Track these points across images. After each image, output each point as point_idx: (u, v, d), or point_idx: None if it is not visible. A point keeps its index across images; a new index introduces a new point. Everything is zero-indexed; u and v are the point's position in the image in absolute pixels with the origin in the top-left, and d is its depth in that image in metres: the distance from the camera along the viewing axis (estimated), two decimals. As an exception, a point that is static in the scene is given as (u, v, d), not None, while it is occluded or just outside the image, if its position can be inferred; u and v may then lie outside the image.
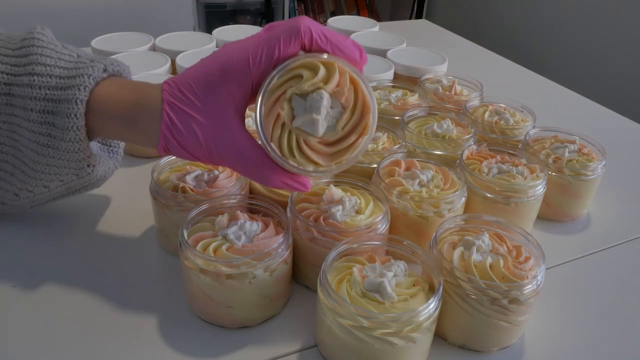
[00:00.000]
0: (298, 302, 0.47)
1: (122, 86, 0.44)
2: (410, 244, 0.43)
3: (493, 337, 0.42)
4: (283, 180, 0.40)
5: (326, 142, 0.39)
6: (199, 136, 0.39)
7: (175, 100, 0.40)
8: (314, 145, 0.39)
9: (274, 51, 0.38)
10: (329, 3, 2.60)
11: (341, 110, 0.39)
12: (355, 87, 0.39)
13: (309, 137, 0.38)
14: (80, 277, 0.48)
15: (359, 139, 0.39)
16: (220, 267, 0.40)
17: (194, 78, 0.40)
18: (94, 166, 0.47)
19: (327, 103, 0.38)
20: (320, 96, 0.38)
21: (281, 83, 0.39)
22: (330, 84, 0.38)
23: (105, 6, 1.42)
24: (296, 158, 0.39)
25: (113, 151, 0.53)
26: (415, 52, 0.90)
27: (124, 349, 0.41)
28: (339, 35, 0.40)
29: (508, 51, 1.29)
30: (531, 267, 0.42)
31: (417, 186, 0.51)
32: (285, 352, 0.42)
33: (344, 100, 0.38)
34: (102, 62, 0.44)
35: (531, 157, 0.56)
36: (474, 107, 0.69)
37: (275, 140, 0.39)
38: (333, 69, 0.39)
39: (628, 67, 1.65)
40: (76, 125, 0.42)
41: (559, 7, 1.86)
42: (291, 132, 0.39)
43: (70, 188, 0.48)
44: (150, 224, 0.55)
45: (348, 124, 0.39)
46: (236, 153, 0.40)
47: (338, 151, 0.40)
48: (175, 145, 0.40)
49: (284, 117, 0.38)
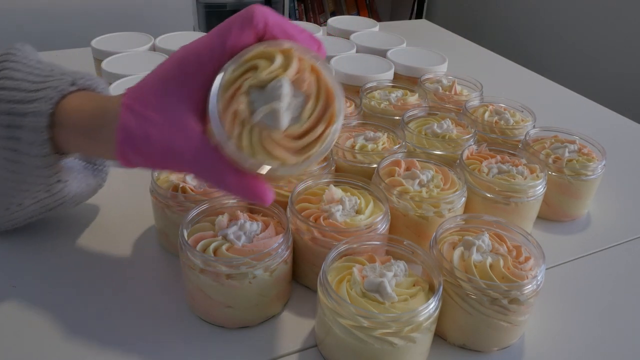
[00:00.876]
0: (298, 302, 0.47)
1: (88, 98, 0.42)
2: (410, 244, 0.43)
3: (493, 337, 0.42)
4: (241, 184, 0.36)
5: (291, 136, 0.36)
6: (153, 138, 0.36)
7: (133, 102, 0.37)
8: (278, 140, 0.35)
9: (226, 41, 0.36)
10: (329, 3, 2.60)
11: (304, 98, 0.36)
12: (317, 74, 0.36)
13: (273, 131, 0.35)
14: (80, 277, 0.48)
15: (327, 128, 0.36)
16: (220, 267, 0.40)
17: (152, 78, 0.38)
18: (66, 182, 0.45)
19: (288, 91, 0.35)
20: (280, 83, 0.34)
21: (236, 76, 0.35)
22: (290, 70, 0.35)
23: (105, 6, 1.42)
24: (259, 156, 0.35)
25: (98, 169, 0.52)
26: (415, 52, 0.90)
27: (124, 349, 0.41)
28: (296, 26, 0.38)
29: (508, 51, 1.29)
30: (531, 267, 0.42)
31: (417, 186, 0.51)
32: (285, 352, 0.42)
33: (306, 86, 0.35)
34: (72, 76, 0.43)
35: (531, 157, 0.56)
36: (474, 107, 0.69)
37: (235, 138, 0.35)
38: (291, 55, 0.36)
39: (628, 67, 1.65)
40: (40, 139, 0.41)
41: (559, 7, 1.86)
42: (252, 130, 0.35)
43: (44, 206, 0.47)
44: (150, 224, 0.55)
45: (313, 113, 0.36)
46: (190, 153, 0.36)
47: (306, 145, 0.36)
48: (131, 150, 0.37)
49: (242, 111, 0.35)
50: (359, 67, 0.80)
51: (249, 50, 0.36)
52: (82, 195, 0.49)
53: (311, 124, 0.36)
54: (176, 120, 0.36)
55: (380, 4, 2.70)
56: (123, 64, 0.76)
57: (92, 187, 0.51)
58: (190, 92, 0.37)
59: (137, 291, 0.47)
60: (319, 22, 2.55)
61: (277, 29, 0.37)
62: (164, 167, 0.39)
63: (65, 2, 1.36)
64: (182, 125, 0.36)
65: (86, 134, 0.40)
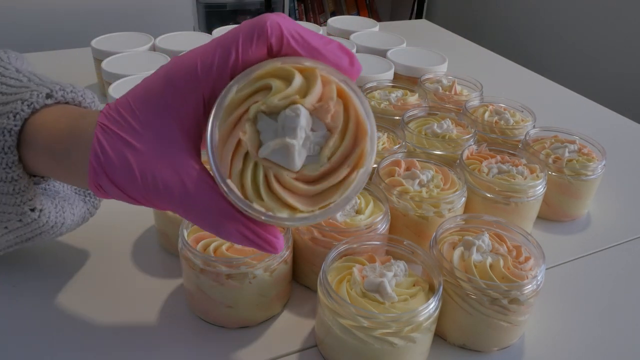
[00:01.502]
0: (298, 302, 0.47)
1: (64, 114, 0.35)
2: (410, 244, 0.43)
3: (493, 337, 0.42)
4: (242, 232, 0.30)
5: (306, 179, 0.29)
6: (132, 167, 0.30)
7: (110, 123, 0.30)
8: (288, 183, 0.28)
9: (230, 54, 0.29)
10: (329, 3, 2.60)
11: (327, 133, 0.29)
12: (346, 102, 0.29)
13: (282, 171, 0.28)
14: (80, 276, 0.48)
15: (352, 172, 0.29)
16: (220, 267, 0.40)
17: (134, 95, 0.31)
18: (40, 211, 0.38)
19: (305, 123, 0.28)
20: (297, 113, 0.28)
21: (243, 98, 0.29)
22: (310, 97, 0.28)
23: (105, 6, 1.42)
24: (264, 201, 0.28)
25: (90, 195, 0.45)
26: (415, 52, 0.90)
27: (123, 349, 0.41)
28: (320, 35, 0.30)
29: (508, 51, 1.29)
30: (531, 267, 0.42)
31: (417, 186, 0.51)
32: (285, 352, 0.42)
33: (329, 119, 0.28)
34: (51, 88, 0.36)
35: (531, 157, 0.56)
36: (474, 107, 0.69)
37: (236, 176, 0.28)
38: (314, 77, 0.29)
39: (628, 67, 1.65)
40: (7, 161, 0.34)
41: (559, 7, 1.86)
42: (257, 165, 0.29)
43: (19, 236, 0.40)
44: (150, 224, 0.55)
45: (337, 152, 0.29)
46: (179, 189, 0.30)
47: (324, 190, 0.29)
48: (105, 180, 0.31)
49: (246, 144, 0.28)
50: (359, 67, 0.80)
51: (261, 67, 0.29)
52: (66, 226, 0.42)
53: (332, 165, 0.29)
54: (163, 146, 0.30)
55: (380, 4, 2.70)
56: (123, 64, 0.76)
57: (79, 217, 0.44)
58: (181, 115, 0.30)
59: (137, 291, 0.47)
60: (319, 22, 2.55)
61: (296, 41, 0.29)
62: (147, 204, 0.32)
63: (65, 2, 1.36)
64: (171, 153, 0.30)
65: (55, 157, 0.34)
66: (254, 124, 0.28)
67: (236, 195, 0.28)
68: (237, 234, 0.30)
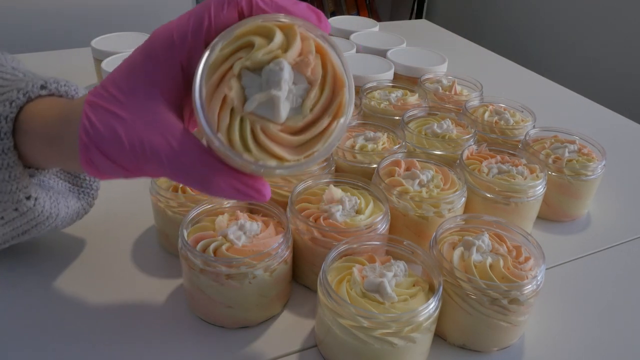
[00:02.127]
0: (298, 302, 0.47)
1: (56, 103, 0.37)
2: (410, 244, 0.43)
3: (493, 337, 0.42)
4: (232, 184, 0.31)
5: (291, 130, 0.30)
6: (121, 136, 0.31)
7: (96, 98, 0.32)
8: (275, 135, 0.30)
9: (204, 21, 0.30)
10: (329, 3, 2.60)
11: (307, 86, 0.30)
12: (323, 56, 0.31)
13: (268, 123, 0.29)
14: (80, 277, 0.48)
15: (333, 122, 0.30)
16: (220, 267, 0.40)
17: (119, 70, 0.33)
18: (35, 199, 0.39)
19: (288, 76, 0.29)
20: (280, 66, 0.29)
21: (226, 55, 0.30)
22: (291, 51, 0.29)
23: (105, 6, 1.42)
24: (252, 153, 0.29)
25: (84, 192, 0.47)
26: (415, 52, 0.90)
27: (124, 349, 0.41)
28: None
29: (508, 51, 1.29)
30: (531, 267, 0.42)
31: (417, 186, 0.51)
32: (285, 352, 0.42)
33: (309, 72, 0.30)
34: (44, 80, 0.38)
35: (531, 157, 0.56)
36: (474, 107, 0.69)
37: (223, 131, 0.29)
38: (293, 33, 0.30)
39: (628, 67, 1.65)
40: (2, 147, 0.36)
41: (559, 7, 1.86)
42: (244, 120, 0.29)
43: (16, 228, 0.41)
44: (150, 224, 0.55)
45: (318, 103, 0.30)
46: (165, 150, 0.31)
47: (308, 140, 0.31)
48: (96, 153, 0.32)
49: (232, 99, 0.29)
50: (359, 67, 0.80)
51: (242, 25, 0.30)
52: (60, 218, 0.43)
53: (314, 116, 0.30)
54: (148, 114, 0.31)
55: (380, 4, 2.70)
56: (123, 64, 0.76)
57: (74, 211, 0.45)
58: (161, 83, 0.32)
59: (137, 291, 0.47)
60: None
61: (265, 3, 0.31)
62: (138, 173, 0.33)
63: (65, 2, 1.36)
64: (155, 119, 0.31)
65: (49, 143, 0.35)
66: (238, 80, 0.29)
67: (226, 146, 0.29)
68: (228, 187, 0.31)
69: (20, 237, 0.43)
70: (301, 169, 0.31)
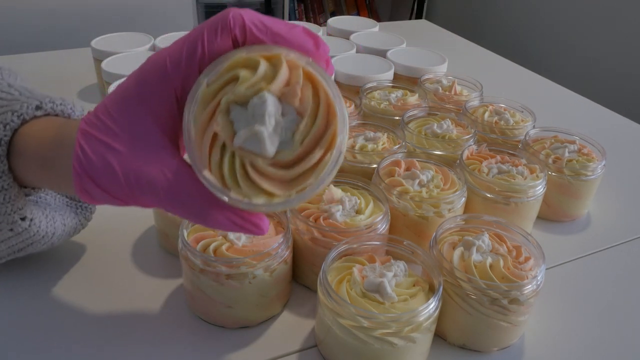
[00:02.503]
0: (298, 302, 0.47)
1: (52, 124, 0.36)
2: (410, 244, 0.43)
3: (493, 337, 0.42)
4: (229, 217, 0.31)
5: (282, 164, 0.29)
6: (115, 168, 0.31)
7: (89, 128, 0.31)
8: (264, 169, 0.29)
9: (197, 49, 0.30)
10: (329, 3, 2.60)
11: (297, 117, 0.29)
12: (314, 85, 0.30)
13: (257, 158, 0.29)
14: (80, 277, 0.48)
15: (325, 154, 0.29)
16: (220, 267, 0.40)
17: (111, 99, 0.32)
18: (31, 220, 0.39)
19: (274, 109, 0.28)
20: (262, 100, 0.28)
21: (214, 91, 0.29)
22: (276, 82, 0.29)
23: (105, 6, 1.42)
24: (242, 189, 0.29)
25: (82, 206, 0.47)
26: (415, 52, 0.90)
27: (124, 349, 0.41)
28: (284, 22, 0.31)
29: (508, 51, 1.29)
30: (531, 267, 0.42)
31: (417, 186, 0.51)
32: (285, 352, 0.42)
33: (297, 102, 0.29)
34: (41, 100, 0.37)
35: (531, 157, 0.56)
36: (474, 107, 0.69)
37: (215, 166, 0.29)
38: (279, 62, 0.29)
39: (628, 67, 1.65)
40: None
41: (559, 7, 1.86)
42: (234, 155, 0.29)
43: (11, 246, 0.41)
44: (150, 224, 0.55)
45: (309, 135, 0.29)
46: (162, 183, 0.30)
47: (299, 174, 0.29)
48: (89, 183, 0.31)
49: (221, 136, 0.29)
50: (359, 67, 0.80)
51: (227, 58, 0.29)
52: (57, 236, 0.43)
53: (305, 149, 0.29)
54: (142, 144, 0.31)
55: (380, 4, 2.70)
56: (123, 64, 0.76)
57: (71, 227, 0.45)
58: (155, 112, 0.31)
59: (137, 291, 0.47)
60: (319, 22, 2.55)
61: (259, 30, 0.30)
62: (133, 203, 0.33)
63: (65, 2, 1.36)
64: (150, 150, 0.31)
65: (42, 165, 0.35)
66: (227, 115, 0.29)
67: (213, 185, 0.29)
68: (225, 221, 0.31)
69: (17, 254, 0.42)
70: (290, 205, 0.30)
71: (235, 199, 0.29)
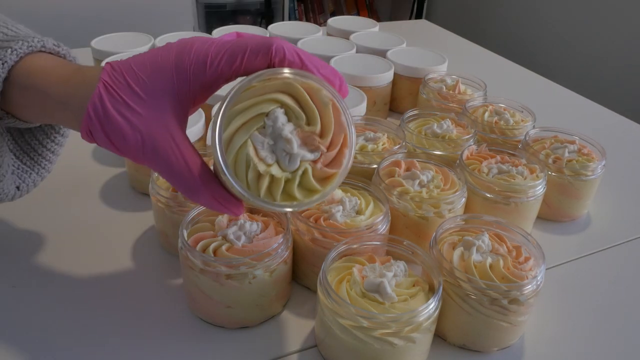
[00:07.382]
0: (298, 302, 0.47)
1: (59, 62, 0.38)
2: (410, 244, 0.43)
3: (493, 337, 0.42)
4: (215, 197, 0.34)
5: None
6: (132, 128, 0.33)
7: (114, 84, 0.34)
8: None
9: (236, 59, 0.34)
10: (329, 3, 2.60)
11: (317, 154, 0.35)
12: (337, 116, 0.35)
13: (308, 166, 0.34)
14: (80, 277, 0.48)
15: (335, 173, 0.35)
16: (220, 268, 0.40)
17: (141, 65, 0.35)
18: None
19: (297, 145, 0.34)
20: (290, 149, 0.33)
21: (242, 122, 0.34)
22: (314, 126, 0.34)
23: (105, 6, 1.42)
24: (280, 201, 0.34)
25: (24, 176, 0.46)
26: (415, 52, 0.90)
27: (124, 349, 0.41)
28: (317, 59, 0.36)
29: (508, 51, 1.29)
30: (531, 267, 0.42)
31: (417, 187, 0.51)
32: (285, 352, 0.42)
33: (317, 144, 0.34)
34: (45, 39, 0.39)
35: (531, 157, 0.56)
36: (474, 107, 0.69)
37: (253, 185, 0.34)
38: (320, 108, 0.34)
39: (628, 67, 1.65)
40: None
41: (560, 8, 1.86)
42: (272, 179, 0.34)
43: None
44: (150, 224, 0.55)
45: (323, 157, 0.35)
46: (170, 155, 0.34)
47: None
48: (99, 131, 0.34)
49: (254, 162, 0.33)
50: (359, 67, 0.80)
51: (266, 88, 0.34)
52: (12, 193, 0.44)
53: None
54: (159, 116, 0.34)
55: (380, 4, 2.70)
56: (123, 64, 0.75)
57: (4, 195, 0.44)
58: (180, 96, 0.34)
59: (137, 291, 0.47)
60: (319, 22, 2.55)
61: (295, 61, 0.35)
62: (132, 158, 0.35)
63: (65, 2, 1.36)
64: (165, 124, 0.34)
65: (52, 100, 0.36)
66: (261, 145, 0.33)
67: (264, 201, 0.34)
68: (211, 198, 0.34)
69: None
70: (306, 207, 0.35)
71: (274, 207, 0.34)
